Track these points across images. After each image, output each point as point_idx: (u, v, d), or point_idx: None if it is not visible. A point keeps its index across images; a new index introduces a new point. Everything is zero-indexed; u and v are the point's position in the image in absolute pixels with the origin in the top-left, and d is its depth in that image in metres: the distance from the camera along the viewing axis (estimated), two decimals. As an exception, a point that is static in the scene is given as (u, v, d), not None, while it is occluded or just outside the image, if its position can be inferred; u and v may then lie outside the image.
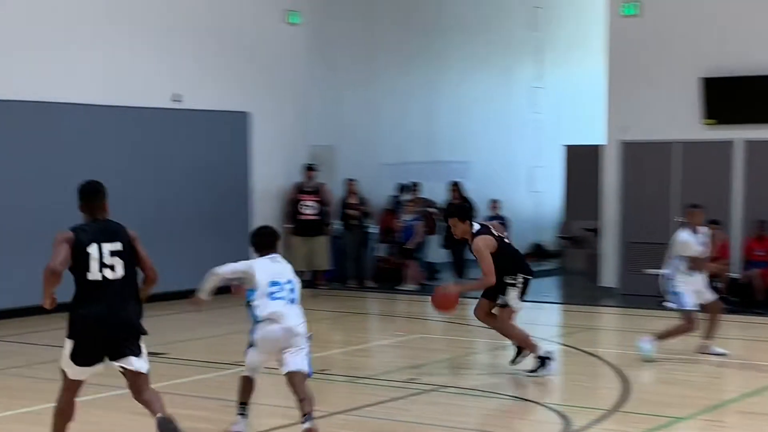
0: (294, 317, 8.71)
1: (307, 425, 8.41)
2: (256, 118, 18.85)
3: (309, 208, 19.16)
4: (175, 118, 17.60)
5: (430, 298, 11.47)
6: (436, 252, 20.82)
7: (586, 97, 24.54)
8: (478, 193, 20.89)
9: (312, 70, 20.12)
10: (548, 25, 26.13)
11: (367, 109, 21.66)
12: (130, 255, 7.70)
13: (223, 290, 9.17)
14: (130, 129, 16.94)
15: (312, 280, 19.52)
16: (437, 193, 20.97)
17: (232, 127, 18.56)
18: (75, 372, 7.66)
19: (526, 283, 11.41)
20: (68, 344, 7.59)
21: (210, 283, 8.88)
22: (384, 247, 20.83)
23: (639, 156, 18.52)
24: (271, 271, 8.80)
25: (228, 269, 8.85)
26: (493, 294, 11.42)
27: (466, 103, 24.06)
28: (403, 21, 22.43)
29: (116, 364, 7.72)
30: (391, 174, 21.65)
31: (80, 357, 7.60)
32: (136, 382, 7.81)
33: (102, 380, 10.70)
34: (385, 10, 21.98)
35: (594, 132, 20.55)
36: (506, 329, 11.58)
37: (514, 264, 11.34)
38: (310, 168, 19.29)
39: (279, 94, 19.43)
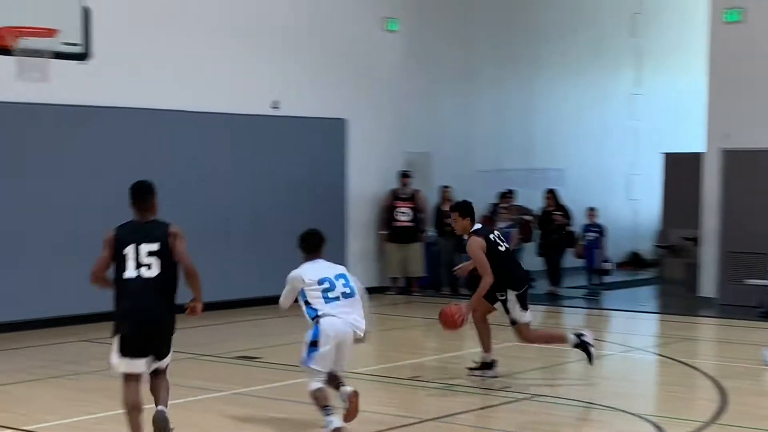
0: (352, 313, 9.06)
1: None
2: (352, 125, 18.94)
3: (404, 214, 19.19)
4: (273, 125, 17.76)
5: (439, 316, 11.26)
6: (531, 259, 20.67)
7: (686, 104, 24.21)
8: (574, 201, 20.72)
9: (409, 77, 20.15)
10: (648, 32, 25.82)
11: (464, 115, 21.61)
12: (167, 255, 7.97)
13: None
14: (231, 136, 17.14)
15: (406, 287, 19.56)
16: (533, 200, 20.84)
17: (329, 134, 18.67)
18: (125, 365, 7.96)
19: (521, 295, 11.27)
20: (114, 341, 7.96)
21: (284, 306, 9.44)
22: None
23: (740, 164, 18.17)
24: (317, 270, 9.14)
25: (285, 299, 9.39)
26: (491, 297, 11.36)
27: (564, 109, 23.88)
28: (500, 28, 22.33)
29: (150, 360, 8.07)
30: (487, 181, 21.57)
31: (126, 351, 7.90)
32: (155, 377, 8.17)
33: (197, 383, 10.90)
34: (482, 17, 21.91)
35: (693, 139, 20.25)
36: (539, 341, 11.84)
37: (504, 277, 11.20)
38: (405, 175, 19.32)
39: (375, 101, 19.50)
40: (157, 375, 8.18)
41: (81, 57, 12.76)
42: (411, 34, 20.07)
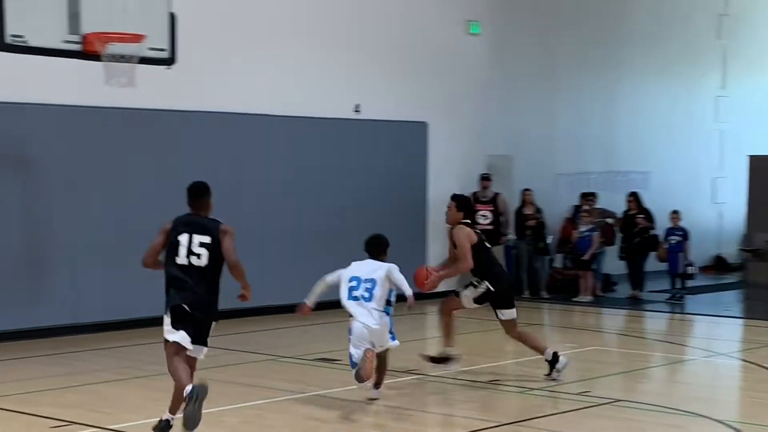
0: (365, 315, 10.01)
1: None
2: (433, 128, 18.99)
3: (484, 218, 19.17)
4: (356, 128, 17.88)
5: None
6: (613, 263, 20.54)
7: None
8: (657, 204, 20.53)
9: (490, 80, 20.14)
10: (734, 34, 25.51)
11: (546, 118, 21.54)
12: (216, 248, 8.66)
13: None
14: (314, 139, 17.29)
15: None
16: (615, 203, 20.69)
17: (410, 137, 18.75)
18: (172, 336, 8.64)
19: (488, 291, 11.52)
20: (166, 318, 8.67)
21: (318, 288, 10.42)
22: (560, 257, 20.71)
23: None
24: (357, 268, 10.42)
25: (332, 275, 10.44)
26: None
27: (647, 112, 23.68)
28: (582, 30, 22.22)
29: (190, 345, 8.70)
30: (568, 184, 21.48)
31: (174, 325, 8.62)
32: (190, 362, 8.74)
33: (277, 385, 11.03)
34: (564, 20, 21.82)
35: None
36: (520, 339, 11.94)
37: (485, 270, 11.56)
38: (485, 177, 19.31)
39: (457, 104, 19.53)
40: (190, 364, 8.73)
41: (167, 62, 13.00)
42: (493, 37, 20.07)
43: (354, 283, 10.22)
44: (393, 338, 10.53)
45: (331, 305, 16.87)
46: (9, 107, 13.92)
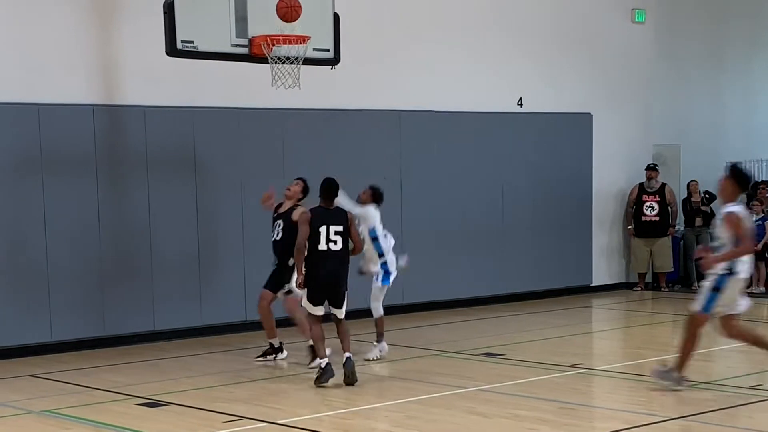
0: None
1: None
2: (597, 119, 18.81)
3: (651, 209, 18.93)
4: (519, 121, 17.86)
5: None
6: (787, 253, 20.01)
7: None
8: (832, 192, 19.86)
9: (656, 68, 19.82)
10: None
11: (714, 105, 21.10)
12: (347, 234, 11.09)
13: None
14: (477, 133, 17.32)
15: (654, 283, 19.29)
16: (788, 192, 20.10)
17: (574, 129, 18.61)
18: (313, 309, 11.13)
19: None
20: (305, 292, 11.15)
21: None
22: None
23: None
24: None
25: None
26: (277, 285, 12.35)
27: (820, 98, 22.93)
28: (752, 15, 21.66)
29: (331, 309, 11.17)
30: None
31: (314, 299, 11.07)
32: (338, 324, 11.20)
33: (442, 380, 11.15)
34: (733, 5, 21.32)
35: None
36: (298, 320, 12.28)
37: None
38: (652, 168, 19.04)
39: (621, 94, 19.28)
40: (340, 323, 11.16)
41: (331, 62, 13.23)
42: (658, 25, 19.75)
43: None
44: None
45: (486, 301, 17.18)
46: (180, 111, 14.39)
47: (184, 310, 14.42)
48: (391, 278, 12.60)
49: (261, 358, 12.65)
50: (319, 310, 11.10)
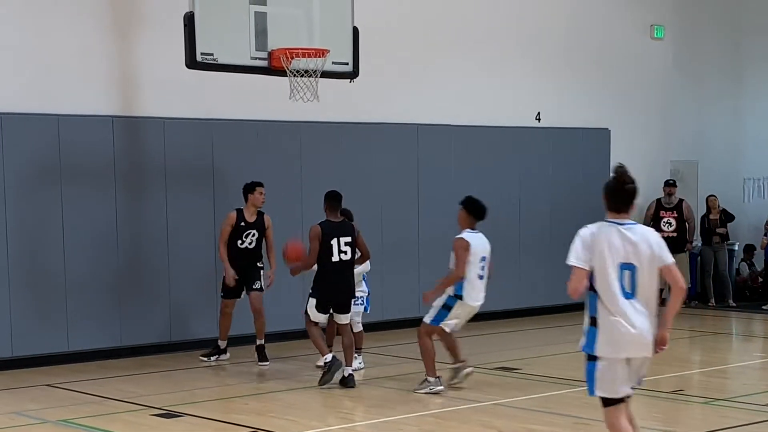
0: None
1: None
2: (615, 135, 18.80)
3: (669, 225, 18.89)
4: (537, 136, 17.87)
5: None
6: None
7: None
8: None
9: (674, 84, 19.82)
10: None
11: (732, 121, 21.06)
12: (354, 245, 11.67)
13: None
14: (495, 148, 17.33)
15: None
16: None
17: (592, 144, 18.61)
18: (317, 317, 11.67)
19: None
20: (312, 301, 11.63)
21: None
22: (743, 266, 20.29)
23: None
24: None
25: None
26: (236, 292, 13.10)
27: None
28: (771, 30, 21.65)
29: (337, 315, 11.75)
30: (756, 188, 20.98)
31: (319, 308, 11.62)
32: (340, 329, 11.83)
33: (456, 393, 11.14)
34: (752, 21, 21.28)
35: None
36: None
37: None
38: (670, 184, 19.01)
39: (640, 110, 19.29)
40: (342, 331, 11.71)
41: (350, 75, 13.27)
42: (677, 41, 19.75)
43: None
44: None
45: (504, 315, 17.15)
46: (199, 123, 14.45)
47: (201, 320, 14.45)
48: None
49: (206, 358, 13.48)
50: (322, 318, 11.75)
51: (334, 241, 11.50)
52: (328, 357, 11.60)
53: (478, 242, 11.28)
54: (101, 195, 13.69)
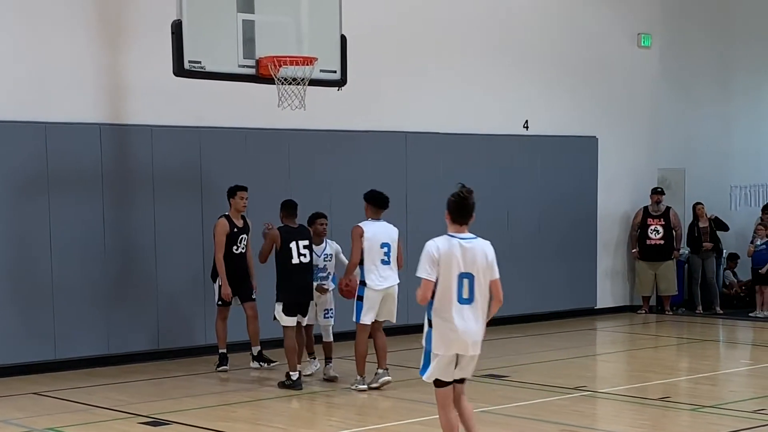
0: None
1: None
2: (603, 143, 18.86)
3: (656, 232, 18.95)
4: (525, 144, 17.89)
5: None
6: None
7: None
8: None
9: (662, 92, 19.85)
10: None
11: (719, 129, 21.11)
12: (311, 248, 12.19)
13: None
14: (483, 156, 17.33)
15: (658, 306, 19.30)
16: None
17: (579, 152, 18.65)
18: (287, 321, 11.95)
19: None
20: (279, 305, 11.97)
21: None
22: (728, 275, 20.37)
23: None
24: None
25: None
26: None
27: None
28: (759, 39, 21.69)
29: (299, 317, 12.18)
30: (743, 196, 21.06)
31: (289, 311, 11.95)
32: (301, 330, 12.39)
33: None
34: (740, 30, 21.35)
35: None
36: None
37: None
38: (657, 191, 19.06)
39: (627, 118, 19.32)
40: (308, 330, 12.57)
41: (338, 83, 13.27)
42: (664, 49, 19.80)
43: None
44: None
45: (499, 321, 17.15)
46: (187, 131, 14.45)
47: (188, 329, 14.44)
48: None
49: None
50: (292, 321, 12.01)
51: (293, 245, 11.97)
52: (295, 375, 11.94)
53: (377, 230, 11.86)
54: (89, 202, 13.67)
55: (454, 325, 7.77)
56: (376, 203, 11.96)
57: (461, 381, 8.06)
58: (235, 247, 13.13)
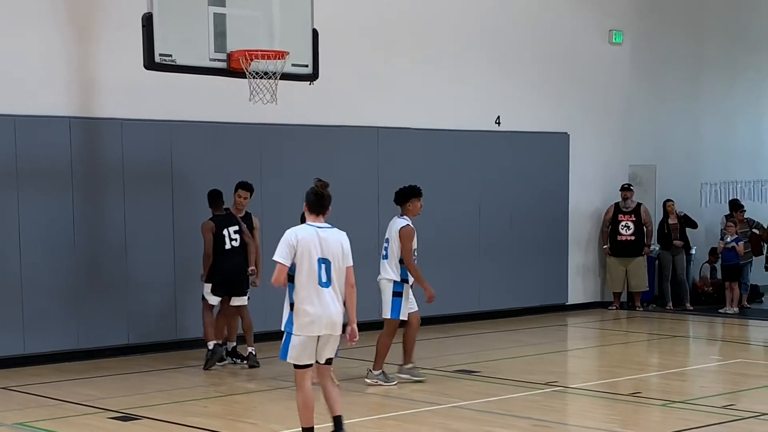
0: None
1: None
2: (574, 139, 18.89)
3: (627, 228, 19.01)
4: (496, 140, 17.90)
5: None
6: (761, 273, 20.16)
7: None
8: (806, 214, 20.05)
9: (633, 89, 19.90)
10: None
11: (690, 127, 21.18)
12: (242, 232, 12.96)
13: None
14: (454, 152, 17.35)
15: (629, 302, 19.36)
16: (763, 213, 20.27)
17: (551, 149, 18.68)
18: (212, 300, 12.84)
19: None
20: (208, 286, 12.88)
21: None
22: (705, 268, 20.43)
23: None
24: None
25: None
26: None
27: (796, 120, 23.09)
28: (730, 37, 21.79)
29: (233, 298, 12.94)
30: (713, 193, 21.17)
31: (216, 292, 12.84)
32: (240, 311, 13.09)
33: (416, 396, 11.15)
34: (711, 28, 21.43)
35: None
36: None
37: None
38: (627, 188, 19.12)
39: (599, 115, 19.37)
40: (242, 313, 13.05)
41: (309, 78, 13.23)
42: (635, 46, 19.85)
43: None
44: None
45: (462, 318, 17.20)
46: (157, 124, 14.37)
47: (159, 323, 14.38)
48: None
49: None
50: (217, 300, 12.94)
51: (225, 231, 12.87)
52: (211, 344, 12.91)
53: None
54: (58, 196, 13.57)
55: (314, 307, 8.35)
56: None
57: (329, 362, 8.66)
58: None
